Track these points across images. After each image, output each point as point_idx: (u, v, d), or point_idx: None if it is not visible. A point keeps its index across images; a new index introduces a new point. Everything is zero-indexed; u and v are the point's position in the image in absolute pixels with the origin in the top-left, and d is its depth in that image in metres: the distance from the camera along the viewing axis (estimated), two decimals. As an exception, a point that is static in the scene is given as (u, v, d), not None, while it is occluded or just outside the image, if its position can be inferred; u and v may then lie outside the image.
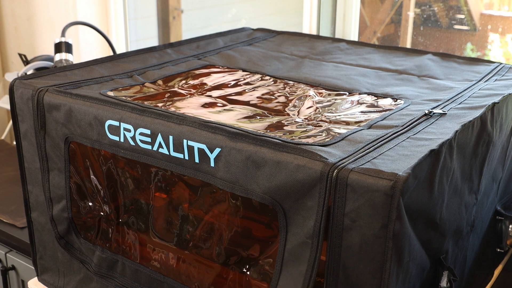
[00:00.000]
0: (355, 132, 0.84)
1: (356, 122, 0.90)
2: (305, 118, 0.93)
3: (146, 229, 1.03)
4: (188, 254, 0.98)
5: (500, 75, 1.15)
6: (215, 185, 0.82)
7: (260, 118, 0.93)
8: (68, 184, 1.03)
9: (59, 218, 1.06)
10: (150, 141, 0.87)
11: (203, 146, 0.81)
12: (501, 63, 1.22)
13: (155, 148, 0.87)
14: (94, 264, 1.04)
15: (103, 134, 0.93)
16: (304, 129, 0.88)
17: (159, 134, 0.86)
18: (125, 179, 1.02)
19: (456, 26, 1.87)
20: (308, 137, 0.84)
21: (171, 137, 0.84)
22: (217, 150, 0.80)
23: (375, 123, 0.88)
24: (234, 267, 0.92)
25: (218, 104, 1.00)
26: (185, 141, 0.83)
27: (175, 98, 1.02)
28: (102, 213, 1.06)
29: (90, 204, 1.06)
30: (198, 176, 0.83)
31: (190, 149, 0.83)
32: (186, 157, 0.84)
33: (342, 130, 0.86)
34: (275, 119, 0.92)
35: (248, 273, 0.91)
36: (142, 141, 0.88)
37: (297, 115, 0.94)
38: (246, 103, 1.00)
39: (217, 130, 0.81)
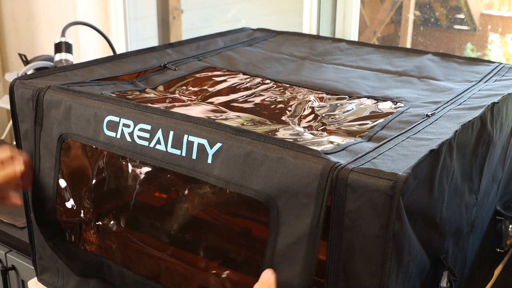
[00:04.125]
0: (355, 144, 0.83)
1: (357, 132, 0.90)
2: (305, 127, 0.93)
3: (139, 230, 1.03)
4: (179, 253, 0.97)
5: (500, 75, 1.15)
6: (208, 182, 0.82)
7: (260, 127, 0.93)
8: (56, 183, 1.02)
9: (47, 218, 1.05)
10: (148, 137, 0.87)
11: (204, 141, 0.81)
12: (501, 63, 1.22)
13: (151, 145, 0.87)
14: (80, 266, 1.04)
15: (100, 130, 0.92)
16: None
17: (160, 129, 0.85)
18: (115, 180, 1.01)
19: (456, 26, 1.88)
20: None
21: (171, 132, 0.84)
22: (218, 145, 0.80)
23: (375, 134, 0.88)
24: (223, 266, 0.92)
25: (218, 112, 0.99)
26: (185, 136, 0.83)
27: (176, 104, 1.02)
28: (89, 215, 1.05)
29: (78, 204, 1.05)
30: (191, 174, 0.83)
31: (189, 144, 0.83)
32: (183, 153, 0.83)
33: (342, 141, 0.85)
34: (274, 127, 0.92)
35: (236, 270, 0.91)
36: (139, 137, 0.88)
37: (297, 124, 0.94)
38: (246, 110, 1.00)
39: (221, 126, 0.81)
